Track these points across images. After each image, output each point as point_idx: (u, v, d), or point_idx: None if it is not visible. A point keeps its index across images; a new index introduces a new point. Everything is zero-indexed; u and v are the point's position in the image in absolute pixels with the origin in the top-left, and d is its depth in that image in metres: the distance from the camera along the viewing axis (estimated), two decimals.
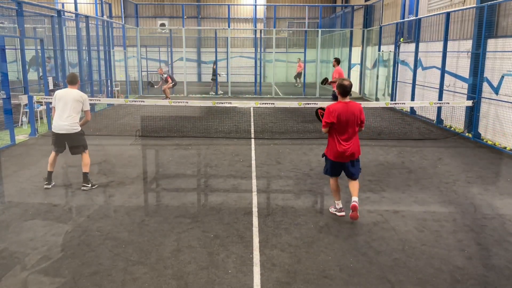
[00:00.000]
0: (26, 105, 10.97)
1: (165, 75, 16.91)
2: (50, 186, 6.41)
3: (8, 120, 9.21)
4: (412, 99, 13.89)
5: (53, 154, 6.50)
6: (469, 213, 5.60)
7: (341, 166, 5.30)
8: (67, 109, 6.26)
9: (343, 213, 5.39)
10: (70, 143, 6.46)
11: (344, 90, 5.08)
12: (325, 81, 12.49)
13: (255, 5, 24.07)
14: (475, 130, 10.28)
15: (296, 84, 24.56)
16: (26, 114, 11.26)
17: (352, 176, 5.31)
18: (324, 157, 5.48)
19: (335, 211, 5.47)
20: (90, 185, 6.40)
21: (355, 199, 5.15)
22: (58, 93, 6.38)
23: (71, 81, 6.40)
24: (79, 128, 6.47)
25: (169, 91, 17.19)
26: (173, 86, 17.12)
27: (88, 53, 14.10)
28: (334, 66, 12.39)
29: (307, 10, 24.46)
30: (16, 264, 4.13)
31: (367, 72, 19.84)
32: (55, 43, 11.97)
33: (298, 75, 24.37)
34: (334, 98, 12.27)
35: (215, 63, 19.79)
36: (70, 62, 14.56)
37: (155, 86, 17.97)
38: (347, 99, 5.16)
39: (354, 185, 5.29)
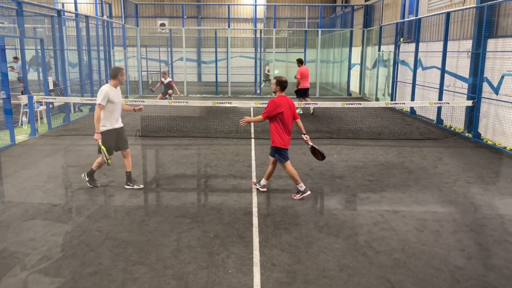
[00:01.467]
0: (26, 105, 10.98)
1: (169, 79, 15.63)
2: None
3: (8, 120, 9.21)
4: (412, 99, 13.89)
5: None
6: (469, 213, 5.60)
7: None
8: (120, 104, 6.33)
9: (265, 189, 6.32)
10: (121, 138, 6.34)
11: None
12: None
13: (255, 5, 24.05)
14: (475, 130, 10.28)
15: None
16: (26, 114, 11.26)
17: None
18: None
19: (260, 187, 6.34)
20: (135, 185, 6.43)
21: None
22: (108, 90, 6.12)
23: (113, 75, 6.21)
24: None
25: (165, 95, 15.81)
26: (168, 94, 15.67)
27: (88, 53, 14.10)
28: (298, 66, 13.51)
29: (307, 10, 24.46)
30: (16, 264, 4.13)
31: (367, 72, 19.84)
32: (55, 43, 11.98)
33: None
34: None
35: (267, 63, 19.85)
36: (70, 62, 14.58)
37: (153, 89, 16.99)
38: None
39: None
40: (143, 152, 8.97)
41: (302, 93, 13.51)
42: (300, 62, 13.55)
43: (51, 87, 11.87)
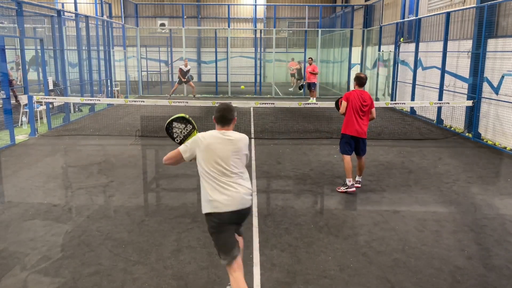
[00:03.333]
0: (26, 105, 10.98)
1: (189, 67, 17.88)
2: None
3: (8, 120, 9.21)
4: (412, 99, 13.88)
5: None
6: (469, 213, 5.59)
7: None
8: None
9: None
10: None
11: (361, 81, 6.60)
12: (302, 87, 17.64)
13: (255, 5, 24.07)
14: (475, 130, 10.27)
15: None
16: (26, 114, 11.26)
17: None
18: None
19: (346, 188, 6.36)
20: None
21: None
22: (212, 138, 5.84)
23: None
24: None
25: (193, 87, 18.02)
26: (179, 83, 17.80)
27: (88, 53, 14.10)
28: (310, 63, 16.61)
29: (307, 10, 24.45)
30: (16, 264, 4.13)
31: (367, 72, 19.83)
32: (55, 43, 11.97)
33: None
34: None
35: (300, 62, 20.51)
36: (70, 62, 14.58)
37: (183, 81, 17.99)
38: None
39: None
40: (143, 152, 8.96)
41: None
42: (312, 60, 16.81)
43: (51, 87, 11.87)
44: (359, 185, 6.52)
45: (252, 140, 9.90)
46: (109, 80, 16.20)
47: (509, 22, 9.49)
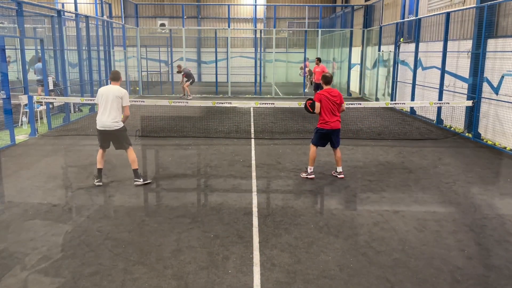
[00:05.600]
0: (26, 105, 10.98)
1: (182, 73, 17.97)
2: (101, 183, 6.45)
3: (8, 120, 9.21)
4: (412, 99, 13.89)
5: (100, 151, 6.54)
6: (469, 213, 5.60)
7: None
8: (108, 106, 6.27)
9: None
10: (113, 140, 6.48)
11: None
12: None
13: (255, 5, 24.04)
14: (475, 130, 10.27)
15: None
16: (26, 114, 11.26)
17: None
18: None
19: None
20: (142, 180, 6.48)
21: None
22: (100, 90, 6.38)
23: (114, 77, 6.41)
24: (121, 125, 6.42)
25: (187, 89, 18.24)
26: (191, 83, 18.11)
27: (88, 53, 14.10)
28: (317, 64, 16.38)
29: (307, 10, 24.47)
30: (16, 264, 4.13)
31: (367, 72, 19.84)
32: (55, 43, 11.97)
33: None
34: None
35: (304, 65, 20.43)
36: (70, 62, 14.57)
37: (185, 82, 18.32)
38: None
39: None
40: (143, 152, 8.96)
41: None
42: (319, 60, 16.82)
43: (51, 87, 11.86)
44: (342, 176, 7.06)
45: (252, 140, 9.90)
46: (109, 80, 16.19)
47: (509, 22, 9.49)
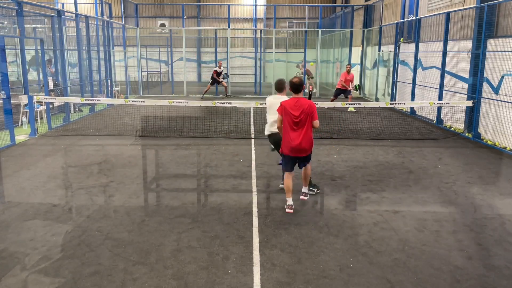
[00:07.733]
0: (26, 105, 10.98)
1: (223, 69, 18.77)
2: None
3: (8, 120, 9.21)
4: (412, 99, 13.89)
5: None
6: (469, 213, 5.60)
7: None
8: (272, 116, 6.09)
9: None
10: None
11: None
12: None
13: (255, 5, 24.06)
14: (475, 130, 10.27)
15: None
16: (26, 114, 11.26)
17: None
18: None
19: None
20: (316, 190, 6.29)
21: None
22: (268, 99, 6.25)
23: (278, 88, 6.23)
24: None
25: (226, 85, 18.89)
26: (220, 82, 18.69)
27: (88, 53, 14.10)
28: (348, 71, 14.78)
29: (307, 10, 24.44)
30: (16, 264, 4.13)
31: (367, 72, 19.84)
32: (55, 43, 11.97)
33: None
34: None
35: (303, 66, 19.92)
36: (70, 62, 14.57)
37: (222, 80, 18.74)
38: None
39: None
40: (143, 152, 8.97)
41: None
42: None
43: (51, 87, 11.86)
44: (306, 197, 5.90)
45: (252, 140, 9.90)
46: (109, 80, 16.22)
47: (509, 22, 9.49)
